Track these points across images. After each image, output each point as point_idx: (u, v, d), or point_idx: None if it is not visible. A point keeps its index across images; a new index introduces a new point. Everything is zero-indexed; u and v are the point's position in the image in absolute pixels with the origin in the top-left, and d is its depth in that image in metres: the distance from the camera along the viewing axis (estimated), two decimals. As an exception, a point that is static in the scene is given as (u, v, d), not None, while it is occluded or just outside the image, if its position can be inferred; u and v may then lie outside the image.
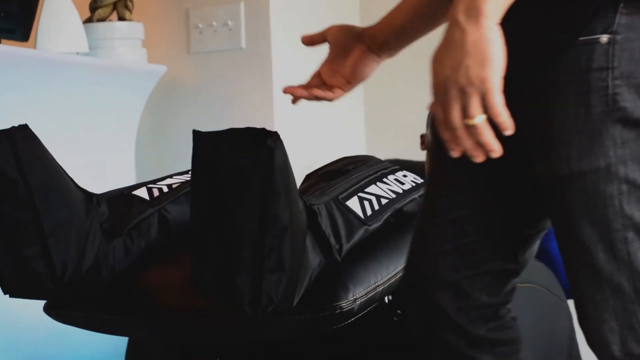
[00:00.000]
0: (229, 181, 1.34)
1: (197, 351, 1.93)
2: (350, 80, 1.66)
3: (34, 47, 2.74)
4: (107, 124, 2.95)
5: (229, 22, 3.08)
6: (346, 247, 1.56)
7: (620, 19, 1.24)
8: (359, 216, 1.61)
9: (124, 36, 3.01)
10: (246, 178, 1.33)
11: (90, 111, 2.83)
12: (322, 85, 1.68)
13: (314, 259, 1.50)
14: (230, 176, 1.34)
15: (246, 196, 1.34)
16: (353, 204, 1.62)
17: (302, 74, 3.20)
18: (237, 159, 1.33)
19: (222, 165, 1.33)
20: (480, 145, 1.20)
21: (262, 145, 1.33)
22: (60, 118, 2.70)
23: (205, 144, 1.34)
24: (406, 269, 1.47)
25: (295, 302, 1.46)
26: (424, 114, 2.82)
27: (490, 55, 1.16)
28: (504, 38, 1.18)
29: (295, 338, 1.60)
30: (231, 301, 1.39)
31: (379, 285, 1.58)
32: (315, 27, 3.31)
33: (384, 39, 1.64)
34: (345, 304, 1.50)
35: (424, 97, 2.92)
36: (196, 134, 1.35)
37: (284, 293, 1.41)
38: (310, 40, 1.74)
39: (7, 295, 1.62)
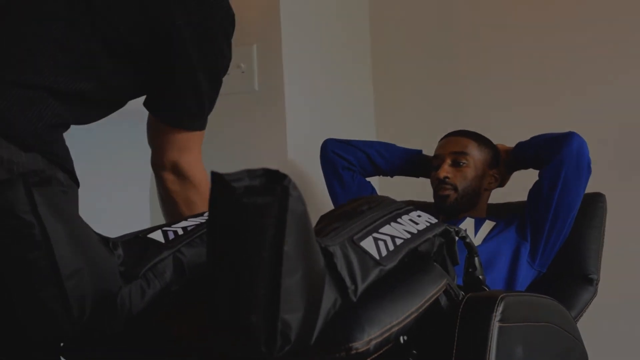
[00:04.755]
0: (245, 220, 1.35)
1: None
2: None
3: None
4: (121, 166, 2.97)
5: (242, 65, 3.10)
6: (361, 287, 1.56)
7: None
8: (374, 257, 1.61)
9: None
10: (261, 217, 1.34)
11: (105, 154, 2.86)
12: None
13: (330, 300, 1.50)
14: (245, 215, 1.34)
15: (262, 235, 1.35)
16: (368, 244, 1.63)
17: (315, 116, 3.23)
18: (252, 199, 1.33)
19: (237, 204, 1.34)
20: None
21: (277, 185, 1.34)
22: (75, 161, 2.72)
23: (221, 184, 1.35)
24: None
25: (311, 342, 1.47)
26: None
27: None
28: None
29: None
30: (247, 341, 1.40)
31: (394, 326, 1.58)
32: (328, 69, 3.35)
33: None
34: (361, 344, 1.50)
35: (434, 139, 2.93)
36: (213, 175, 1.36)
37: (300, 333, 1.41)
38: None
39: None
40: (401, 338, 1.78)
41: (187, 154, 2.06)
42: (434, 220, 1.84)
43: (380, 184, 3.20)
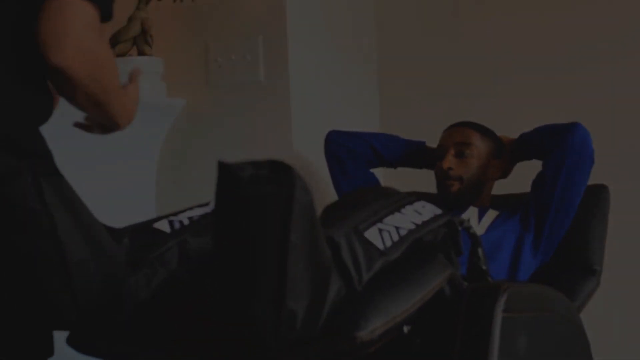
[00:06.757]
0: (251, 209, 1.35)
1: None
2: None
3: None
4: (127, 157, 2.97)
5: (248, 56, 3.10)
6: (366, 277, 1.57)
7: None
8: (379, 247, 1.62)
9: (143, 71, 3.02)
10: (268, 206, 1.35)
11: (110, 145, 2.86)
12: None
13: (334, 289, 1.51)
14: (252, 204, 1.35)
15: (267, 224, 1.35)
16: (373, 235, 1.63)
17: (320, 107, 3.24)
18: (258, 188, 1.34)
19: (243, 194, 1.35)
20: None
21: (283, 174, 1.35)
22: (80, 152, 2.72)
23: (227, 174, 1.35)
24: None
25: (316, 331, 1.47)
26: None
27: None
28: None
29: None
30: (252, 329, 1.40)
31: (398, 315, 1.59)
32: (334, 61, 3.35)
33: None
34: (365, 333, 1.51)
35: (437, 130, 2.94)
36: (220, 165, 1.37)
37: (306, 322, 1.41)
38: None
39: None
40: (405, 327, 1.79)
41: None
42: (438, 211, 1.84)
43: (385, 175, 3.20)
